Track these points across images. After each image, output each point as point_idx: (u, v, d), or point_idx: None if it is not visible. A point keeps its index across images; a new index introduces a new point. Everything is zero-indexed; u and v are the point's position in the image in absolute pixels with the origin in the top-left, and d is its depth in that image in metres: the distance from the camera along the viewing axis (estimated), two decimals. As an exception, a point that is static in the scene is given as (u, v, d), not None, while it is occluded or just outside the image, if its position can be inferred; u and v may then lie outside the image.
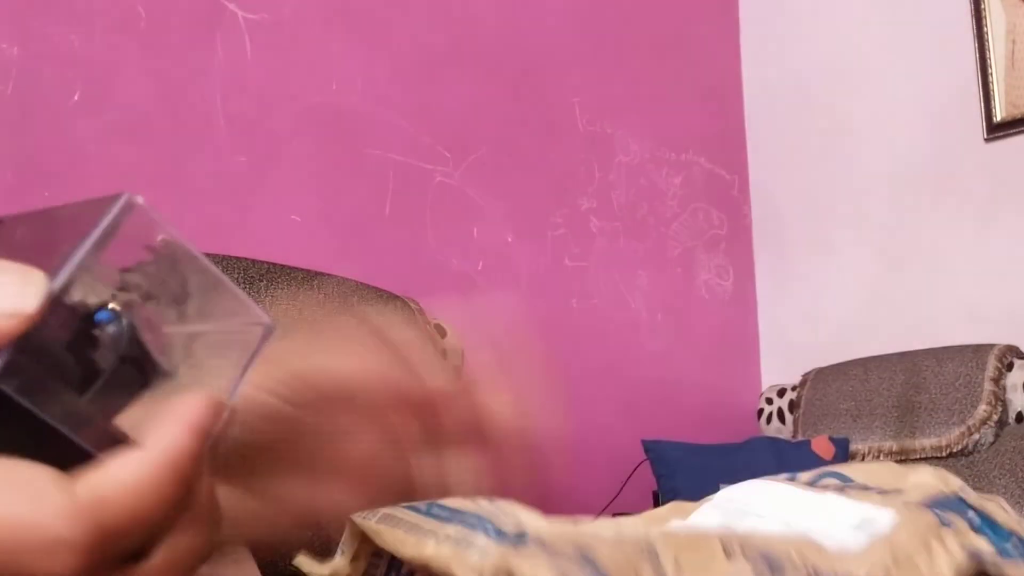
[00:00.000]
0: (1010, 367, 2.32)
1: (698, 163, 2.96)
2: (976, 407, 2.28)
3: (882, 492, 0.39)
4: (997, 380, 2.30)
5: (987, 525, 0.36)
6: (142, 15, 1.97)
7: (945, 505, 0.37)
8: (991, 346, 2.34)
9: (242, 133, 2.09)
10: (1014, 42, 2.55)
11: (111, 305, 0.31)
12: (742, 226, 3.06)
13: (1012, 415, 2.29)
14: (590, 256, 2.67)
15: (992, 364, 2.31)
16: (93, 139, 1.89)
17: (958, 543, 0.36)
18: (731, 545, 0.43)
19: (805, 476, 0.42)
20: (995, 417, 2.27)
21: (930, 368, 2.39)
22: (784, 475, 0.43)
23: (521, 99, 2.58)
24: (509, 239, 2.51)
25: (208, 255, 0.32)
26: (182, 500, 0.28)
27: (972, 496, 0.38)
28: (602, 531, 0.50)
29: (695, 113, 2.98)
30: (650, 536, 0.45)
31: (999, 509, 0.37)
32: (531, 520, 0.53)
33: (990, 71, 2.57)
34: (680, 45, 2.97)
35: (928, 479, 0.39)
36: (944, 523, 0.36)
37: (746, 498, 0.42)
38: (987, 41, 2.58)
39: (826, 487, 0.41)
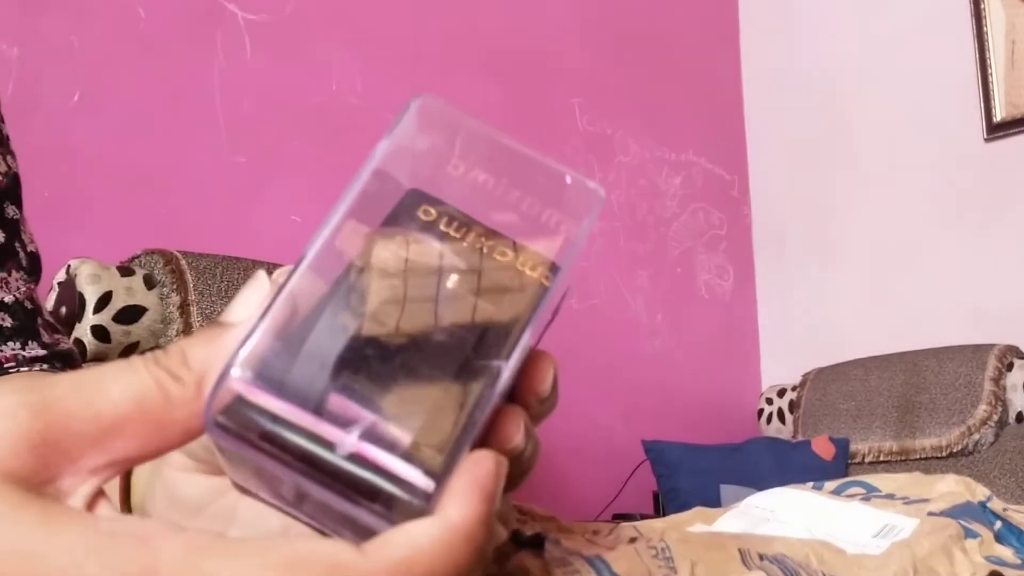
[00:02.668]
0: (1010, 367, 2.32)
1: (698, 163, 2.96)
2: (976, 407, 2.28)
3: (907, 502, 0.39)
4: (997, 380, 2.30)
5: (1013, 535, 0.36)
6: (142, 15, 1.97)
7: (971, 514, 0.37)
8: (991, 346, 2.35)
9: (242, 133, 2.08)
10: (1014, 42, 2.55)
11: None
12: (742, 226, 3.06)
13: (1012, 415, 2.30)
14: (590, 256, 2.67)
15: (992, 364, 2.31)
16: (93, 139, 1.88)
17: (981, 552, 0.36)
18: (748, 552, 0.43)
19: (830, 484, 0.42)
20: (995, 417, 2.27)
21: (930, 368, 2.39)
22: (810, 483, 0.43)
23: (521, 99, 2.58)
24: (509, 239, 2.50)
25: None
26: (474, 572, 0.26)
27: (999, 506, 0.38)
28: (620, 534, 0.50)
29: (695, 113, 2.98)
30: (667, 541, 0.45)
31: (1027, 520, 0.37)
32: (548, 521, 0.52)
33: (990, 71, 2.58)
34: (680, 45, 2.97)
35: (955, 488, 0.39)
36: (969, 532, 0.36)
37: (771, 505, 0.42)
38: (987, 41, 2.58)
39: (851, 496, 0.41)
